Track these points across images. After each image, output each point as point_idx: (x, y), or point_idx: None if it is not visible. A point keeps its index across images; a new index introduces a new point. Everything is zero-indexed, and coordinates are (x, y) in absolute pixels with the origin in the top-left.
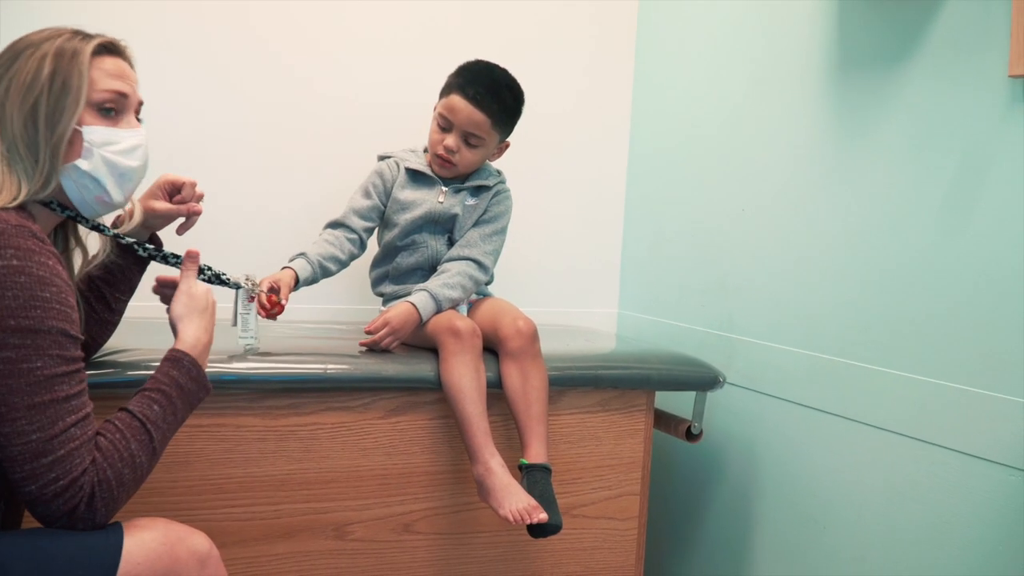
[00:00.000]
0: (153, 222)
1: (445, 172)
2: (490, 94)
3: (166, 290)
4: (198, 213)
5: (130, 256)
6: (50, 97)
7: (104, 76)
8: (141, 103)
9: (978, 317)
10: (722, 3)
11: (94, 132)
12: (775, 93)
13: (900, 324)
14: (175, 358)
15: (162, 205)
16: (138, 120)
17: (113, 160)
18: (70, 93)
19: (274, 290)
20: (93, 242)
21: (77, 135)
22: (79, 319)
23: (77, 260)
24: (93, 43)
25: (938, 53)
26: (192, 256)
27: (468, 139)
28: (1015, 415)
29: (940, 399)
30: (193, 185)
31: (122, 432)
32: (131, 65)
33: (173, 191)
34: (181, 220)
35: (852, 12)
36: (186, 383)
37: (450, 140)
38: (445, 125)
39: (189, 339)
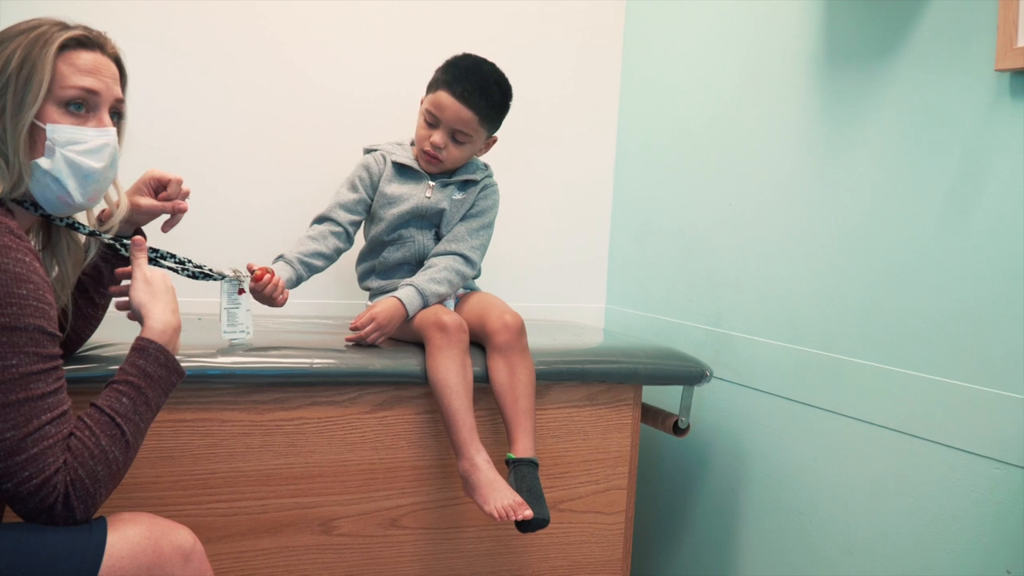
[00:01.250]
0: (137, 218)
1: (432, 168)
2: (478, 91)
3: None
4: (183, 211)
5: (113, 253)
6: (16, 90)
7: (74, 72)
8: (119, 100)
9: (963, 312)
10: None
11: (57, 130)
12: (763, 88)
13: (886, 319)
14: (140, 347)
15: (147, 201)
16: (115, 117)
17: (76, 160)
18: (32, 87)
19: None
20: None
21: (40, 132)
22: (57, 316)
23: (69, 255)
24: (65, 36)
25: (925, 47)
26: (138, 244)
27: (455, 136)
28: (999, 408)
29: (926, 393)
30: (179, 182)
31: (91, 429)
32: (116, 59)
33: (159, 187)
34: (166, 217)
35: (840, 7)
36: (155, 371)
37: (437, 137)
38: (432, 121)
39: (156, 325)
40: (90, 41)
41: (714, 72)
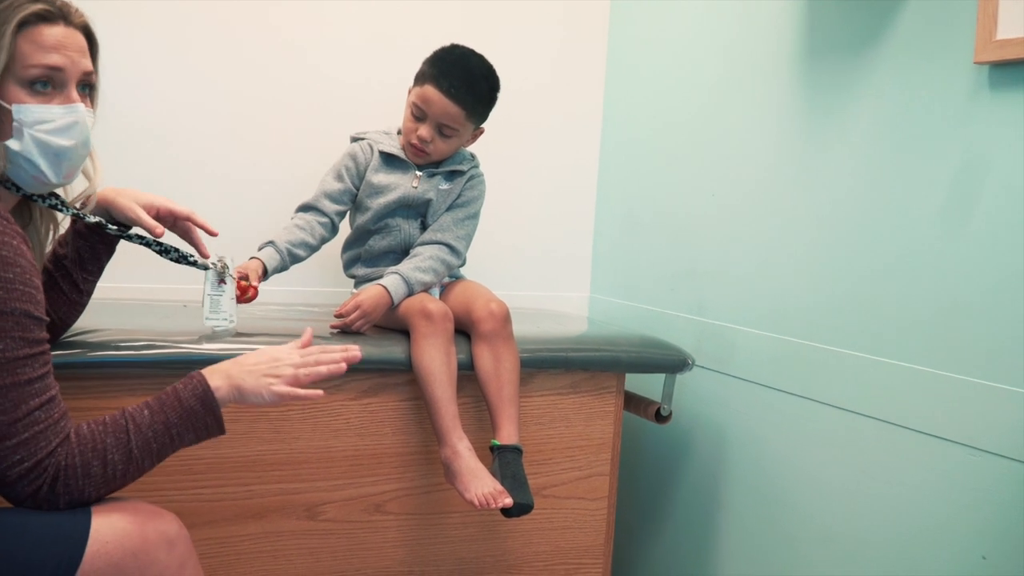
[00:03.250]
0: (115, 213)
1: (419, 160)
2: (465, 86)
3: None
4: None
5: (97, 236)
6: None
7: (36, 49)
8: (88, 72)
9: (939, 302)
10: None
11: (23, 111)
12: (746, 80)
13: (864, 307)
14: (189, 376)
15: (138, 214)
16: (85, 89)
17: (44, 140)
18: None
19: (244, 277)
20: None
21: (5, 113)
22: (44, 300)
23: (47, 235)
24: (24, 12)
25: (905, 40)
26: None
27: (442, 130)
28: (975, 396)
29: (903, 381)
30: (189, 215)
31: (104, 425)
32: (84, 28)
33: (164, 216)
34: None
35: (821, 1)
36: (187, 399)
37: (424, 131)
38: (419, 115)
39: (223, 367)
40: (52, 14)
41: (698, 64)
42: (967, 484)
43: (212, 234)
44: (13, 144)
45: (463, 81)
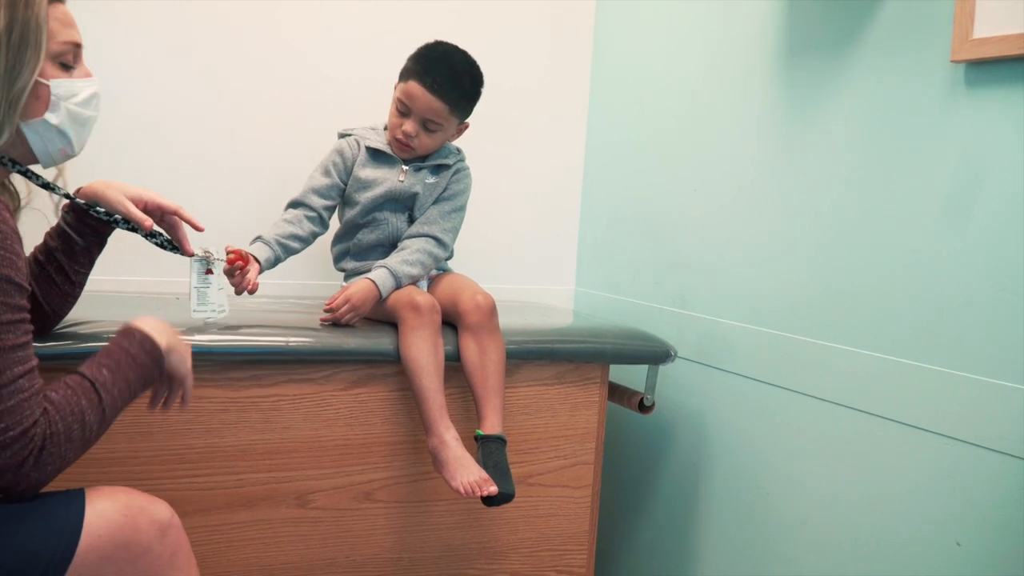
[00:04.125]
0: (104, 207)
1: (404, 155)
2: (448, 82)
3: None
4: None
5: (88, 228)
6: (8, 51)
7: (60, 26)
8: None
9: (911, 292)
10: None
11: (60, 85)
12: (727, 81)
13: (840, 300)
14: (126, 331)
15: (126, 207)
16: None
17: (76, 112)
18: (29, 46)
19: (233, 253)
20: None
21: (44, 88)
22: (25, 268)
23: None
24: None
25: (884, 40)
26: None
27: (426, 125)
28: (947, 386)
29: (878, 371)
30: (176, 210)
31: (73, 389)
32: None
33: (151, 209)
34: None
35: (801, 1)
36: (137, 354)
37: (408, 126)
38: (404, 110)
39: (149, 320)
40: None
41: (680, 64)
42: (942, 472)
43: (198, 229)
44: (52, 117)
45: (446, 77)
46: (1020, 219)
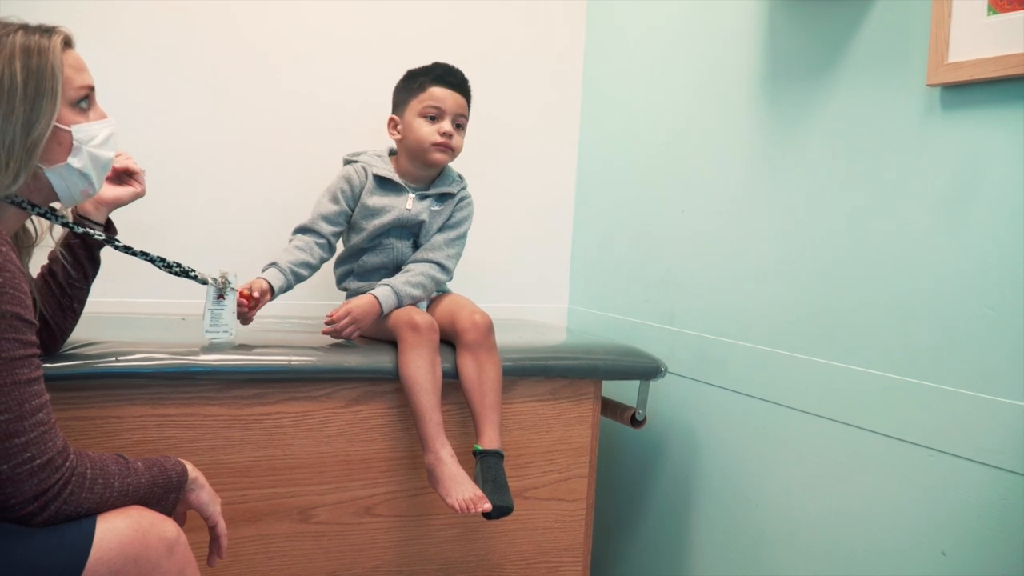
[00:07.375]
0: (82, 212)
1: (444, 158)
2: (461, 79)
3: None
4: (141, 195)
5: (81, 247)
6: (25, 101)
7: (74, 72)
8: None
9: (893, 308)
10: (662, 23)
11: (81, 130)
12: (712, 105)
13: (825, 316)
14: (166, 455)
15: (110, 193)
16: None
17: (96, 154)
18: (46, 96)
19: (246, 292)
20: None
21: (65, 135)
22: (32, 306)
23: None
24: (59, 38)
25: (862, 64)
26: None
27: (457, 123)
28: (931, 399)
29: (863, 385)
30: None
31: (107, 457)
32: None
33: (119, 175)
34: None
35: (782, 28)
36: (171, 474)
37: (446, 125)
38: (436, 115)
39: (193, 470)
40: (70, 39)
41: (668, 89)
42: (927, 483)
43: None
44: (75, 162)
45: (458, 77)
46: (1002, 236)
